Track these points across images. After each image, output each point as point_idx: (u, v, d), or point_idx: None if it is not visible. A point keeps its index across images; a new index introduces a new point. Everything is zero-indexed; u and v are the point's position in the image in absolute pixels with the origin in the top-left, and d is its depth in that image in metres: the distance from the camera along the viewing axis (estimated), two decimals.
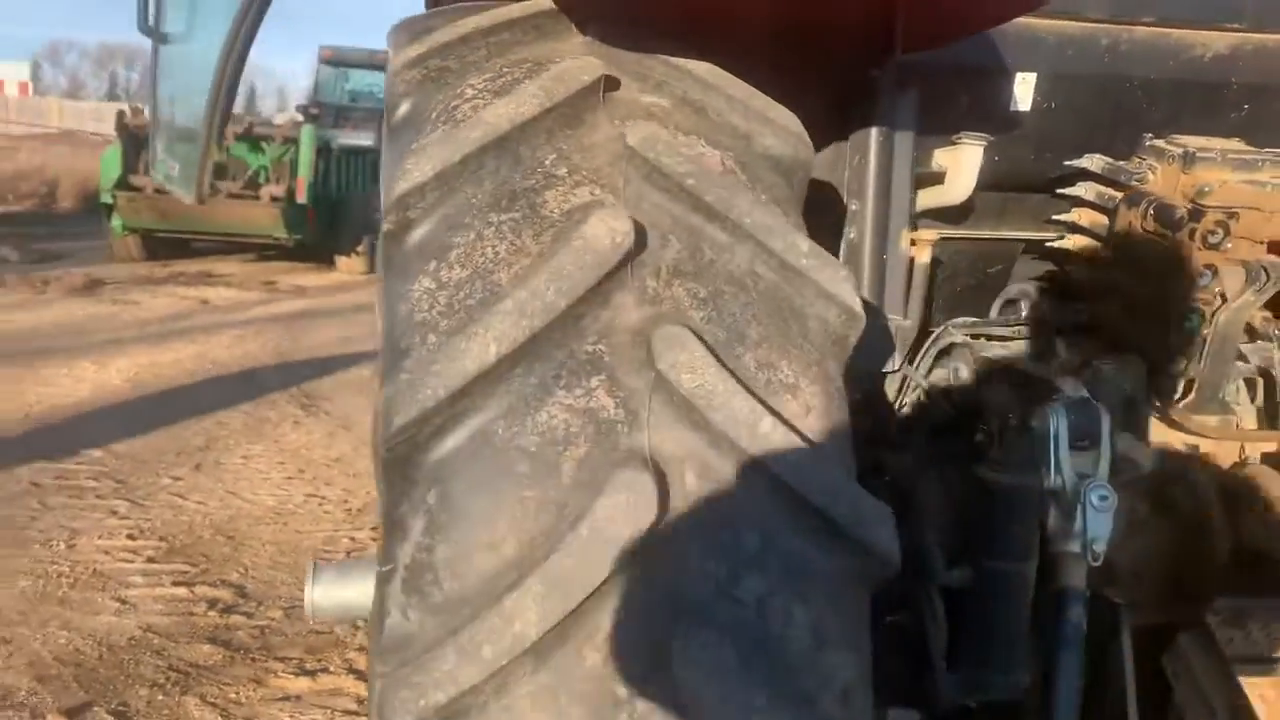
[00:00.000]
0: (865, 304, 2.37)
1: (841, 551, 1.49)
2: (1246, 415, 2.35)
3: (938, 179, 2.47)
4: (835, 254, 2.42)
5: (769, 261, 1.63)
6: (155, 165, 3.96)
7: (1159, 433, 2.30)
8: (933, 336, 2.62)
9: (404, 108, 1.88)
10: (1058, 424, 2.02)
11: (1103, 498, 1.96)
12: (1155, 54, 2.46)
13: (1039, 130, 2.47)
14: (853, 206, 2.39)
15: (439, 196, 1.65)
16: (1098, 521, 1.96)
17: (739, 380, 1.49)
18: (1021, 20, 2.38)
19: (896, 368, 2.50)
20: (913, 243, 2.42)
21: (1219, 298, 2.14)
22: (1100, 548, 1.95)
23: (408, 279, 1.61)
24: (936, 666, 2.34)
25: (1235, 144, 2.30)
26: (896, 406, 2.61)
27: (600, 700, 1.38)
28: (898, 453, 2.58)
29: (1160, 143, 2.28)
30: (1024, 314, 2.56)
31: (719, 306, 1.58)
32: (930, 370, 2.60)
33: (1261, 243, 2.23)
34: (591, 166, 1.68)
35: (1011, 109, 2.44)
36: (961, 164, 2.43)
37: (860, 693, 1.51)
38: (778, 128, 1.86)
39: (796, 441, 1.48)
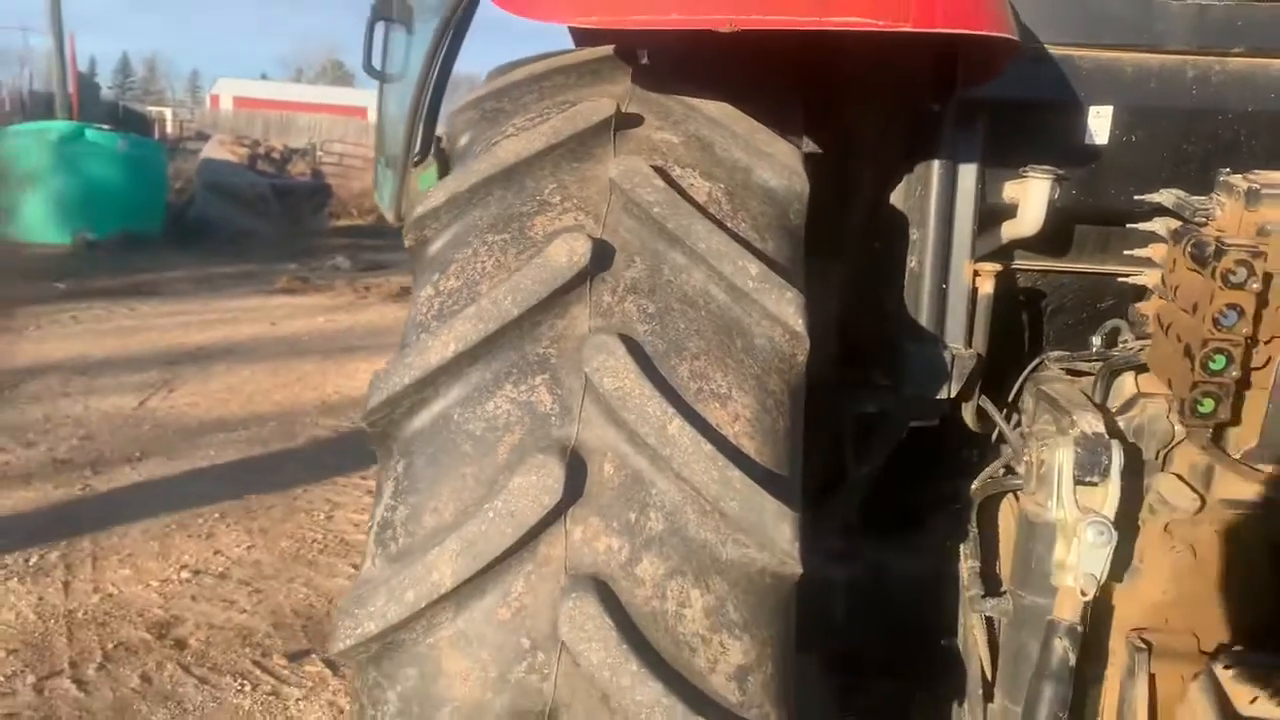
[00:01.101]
0: (919, 331, 2.47)
1: (740, 545, 1.64)
2: None
3: (1011, 211, 2.49)
4: (900, 281, 2.52)
5: (720, 283, 1.80)
6: (376, 189, 4.56)
7: (1229, 480, 2.21)
8: (1029, 368, 2.63)
9: (462, 141, 2.21)
10: (1063, 458, 2.02)
11: (1099, 533, 1.96)
12: (1252, 86, 2.36)
13: (1118, 164, 2.43)
14: (914, 236, 2.47)
15: (451, 218, 1.95)
16: (1091, 557, 1.95)
17: (656, 386, 1.67)
18: (1098, 53, 2.38)
19: (963, 396, 2.54)
20: (976, 273, 2.46)
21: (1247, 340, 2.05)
22: (1090, 583, 1.94)
23: (420, 287, 1.92)
24: (971, 695, 2.38)
25: None
26: (975, 435, 2.64)
27: (507, 649, 1.61)
28: (961, 480, 2.62)
29: (1233, 178, 2.19)
30: (1113, 349, 2.51)
31: (665, 321, 1.77)
32: (1016, 401, 2.61)
33: None
34: (583, 195, 1.92)
35: (1087, 142, 2.42)
36: (1030, 197, 2.44)
37: (758, 677, 1.65)
38: (774, 162, 2.02)
39: (703, 443, 1.64)
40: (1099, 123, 2.40)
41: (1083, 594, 1.95)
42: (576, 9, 1.85)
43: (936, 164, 2.42)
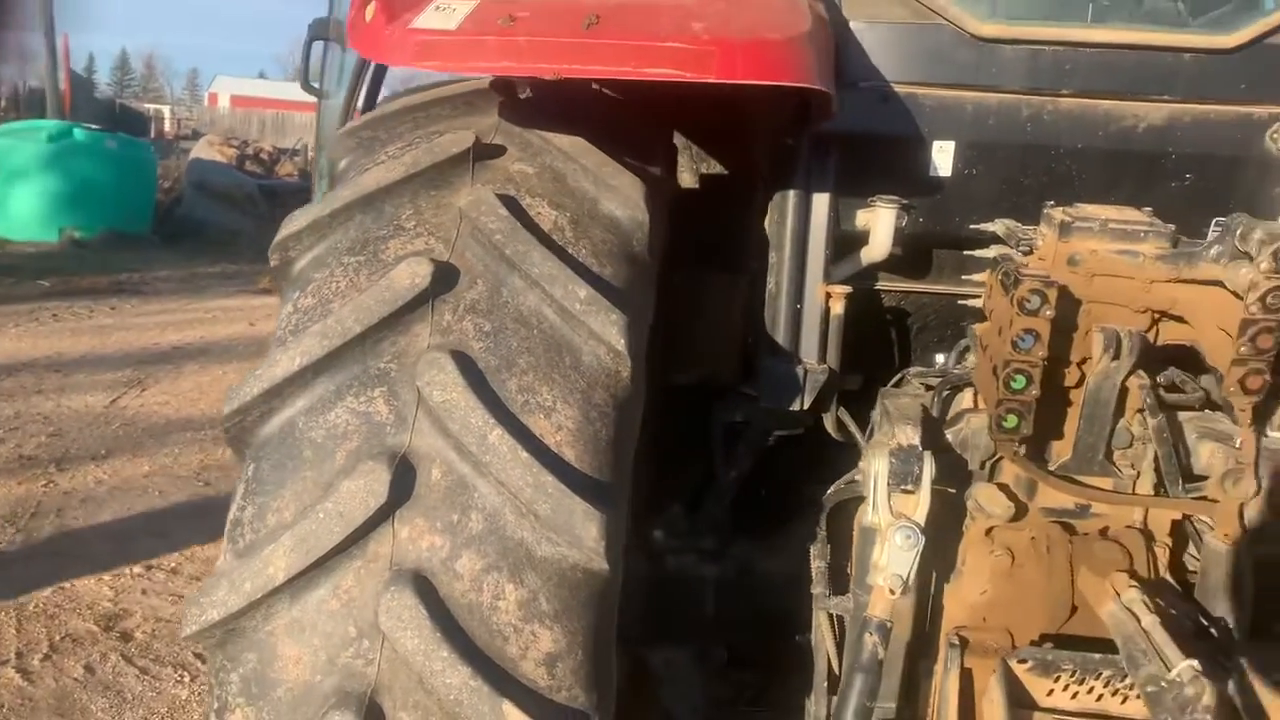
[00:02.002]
0: (776, 347, 2.65)
1: (553, 544, 1.82)
2: (1147, 479, 2.38)
3: (864, 238, 2.67)
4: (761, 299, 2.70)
5: (551, 305, 1.98)
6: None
7: (1047, 490, 2.38)
8: (891, 382, 2.82)
9: (341, 166, 2.39)
10: (879, 466, 2.20)
11: (906, 537, 2.13)
12: (1081, 125, 2.54)
13: (961, 194, 2.62)
14: (772, 259, 2.65)
15: (314, 241, 2.13)
16: (899, 559, 2.13)
17: (482, 398, 1.85)
18: (941, 92, 2.56)
19: (820, 408, 2.72)
20: (828, 295, 2.64)
21: (1066, 362, 2.23)
22: (897, 583, 2.11)
23: (283, 304, 2.10)
24: (817, 688, 2.56)
25: (1134, 214, 2.36)
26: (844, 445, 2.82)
27: (336, 637, 1.79)
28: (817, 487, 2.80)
29: (1053, 210, 2.37)
30: (956, 367, 2.69)
31: (499, 339, 1.95)
32: (878, 415, 2.79)
33: (1143, 311, 2.28)
34: (437, 222, 2.10)
35: (931, 174, 2.60)
36: (879, 224, 2.63)
37: (568, 664, 1.83)
38: (619, 194, 2.20)
39: (520, 451, 1.82)
40: (942, 156, 2.58)
41: (891, 593, 2.12)
42: (417, 54, 2.03)
43: (792, 193, 2.60)
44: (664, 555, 2.84)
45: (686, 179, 3.18)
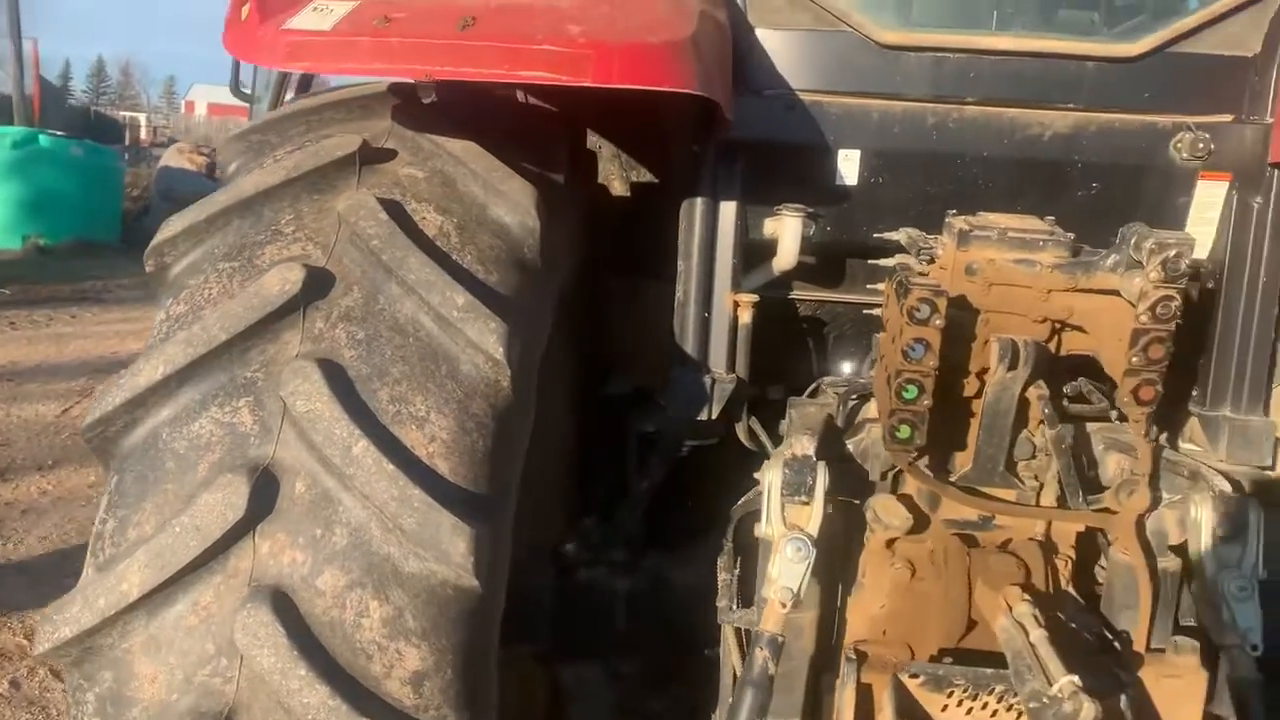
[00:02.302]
0: (684, 356, 2.61)
1: (420, 559, 1.77)
2: (1051, 491, 2.36)
3: (773, 246, 2.64)
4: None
5: (429, 313, 1.94)
6: None
7: (949, 501, 2.35)
8: (807, 392, 2.78)
9: (230, 170, 2.34)
10: (773, 478, 2.16)
11: (797, 549, 2.09)
12: (986, 133, 2.52)
13: (868, 203, 2.59)
14: (681, 267, 2.61)
15: (190, 246, 2.08)
16: (789, 572, 2.09)
17: (349, 409, 1.80)
18: (846, 100, 2.53)
19: (730, 418, 2.69)
20: (736, 304, 2.61)
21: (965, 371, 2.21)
22: (788, 596, 2.07)
23: (157, 310, 2.05)
24: (723, 702, 2.52)
25: (1034, 224, 2.33)
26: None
27: (194, 654, 1.74)
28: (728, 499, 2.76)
29: (955, 219, 2.35)
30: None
31: (372, 348, 1.90)
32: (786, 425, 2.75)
33: (1042, 321, 2.26)
34: (317, 227, 2.06)
35: (838, 182, 2.58)
36: (785, 233, 2.60)
37: (436, 682, 1.78)
38: (508, 200, 2.16)
39: (385, 463, 1.77)
40: (848, 165, 2.56)
41: (782, 606, 2.08)
42: (288, 55, 1.99)
43: (700, 201, 2.57)
44: (576, 568, 2.80)
45: (617, 186, 3.15)
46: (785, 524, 2.15)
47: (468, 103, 2.40)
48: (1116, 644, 2.28)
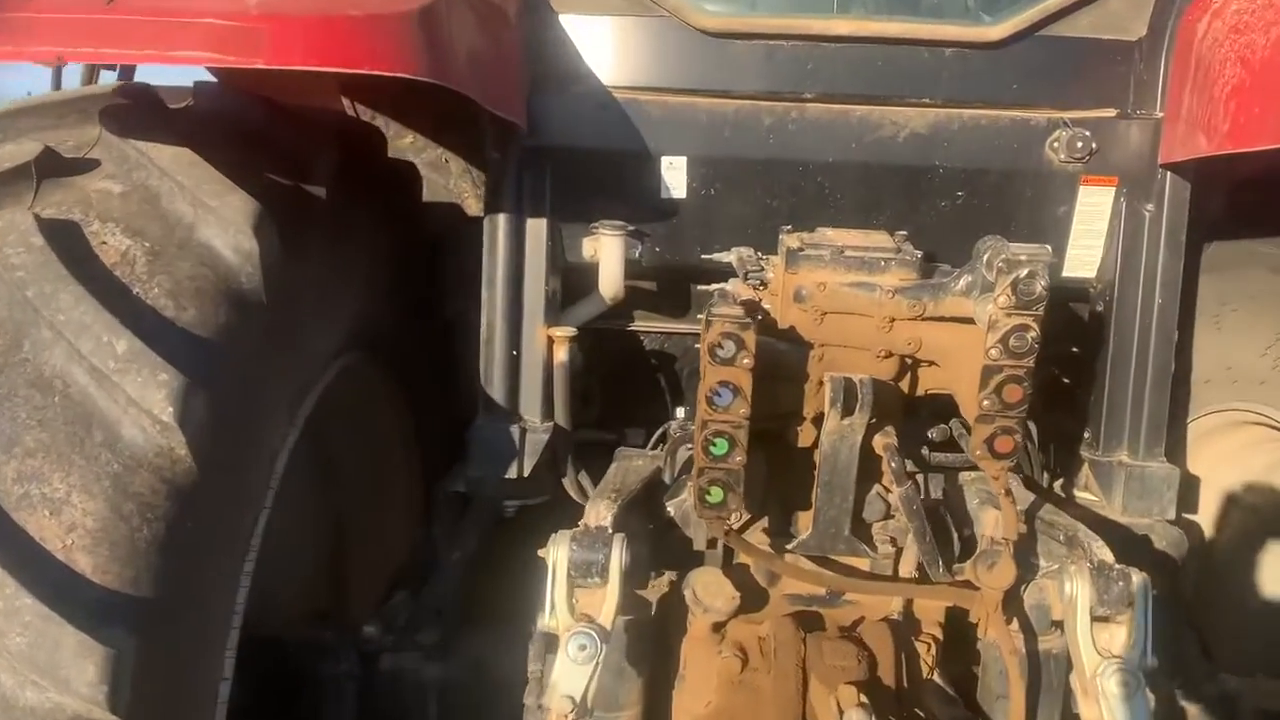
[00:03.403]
0: (489, 403, 2.21)
1: (40, 689, 1.36)
2: (912, 558, 1.97)
3: (596, 271, 2.25)
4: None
5: (82, 364, 1.53)
6: None
7: (788, 572, 1.96)
8: (656, 436, 2.39)
9: None
10: (559, 555, 1.76)
11: (581, 647, 1.69)
12: (834, 134, 2.14)
13: (701, 219, 2.21)
14: (484, 296, 2.22)
15: None
16: (571, 674, 1.68)
17: None
18: (668, 98, 2.15)
19: (557, 471, 2.29)
20: (551, 340, 2.21)
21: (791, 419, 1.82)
22: (566, 706, 1.66)
23: None
24: None
25: (880, 240, 1.96)
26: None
27: None
28: None
29: (787, 236, 1.97)
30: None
31: (3, 411, 1.49)
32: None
33: (885, 356, 1.88)
34: None
35: (664, 195, 2.19)
36: (606, 255, 2.21)
37: None
38: (221, 218, 1.75)
39: None
40: (674, 174, 2.17)
41: (562, 718, 1.67)
42: None
43: (503, 218, 2.18)
44: (378, 655, 2.37)
45: (472, 205, 2.73)
46: (573, 614, 1.75)
47: (212, 105, 2.01)
48: None
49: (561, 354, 2.22)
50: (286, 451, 1.98)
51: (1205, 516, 2.63)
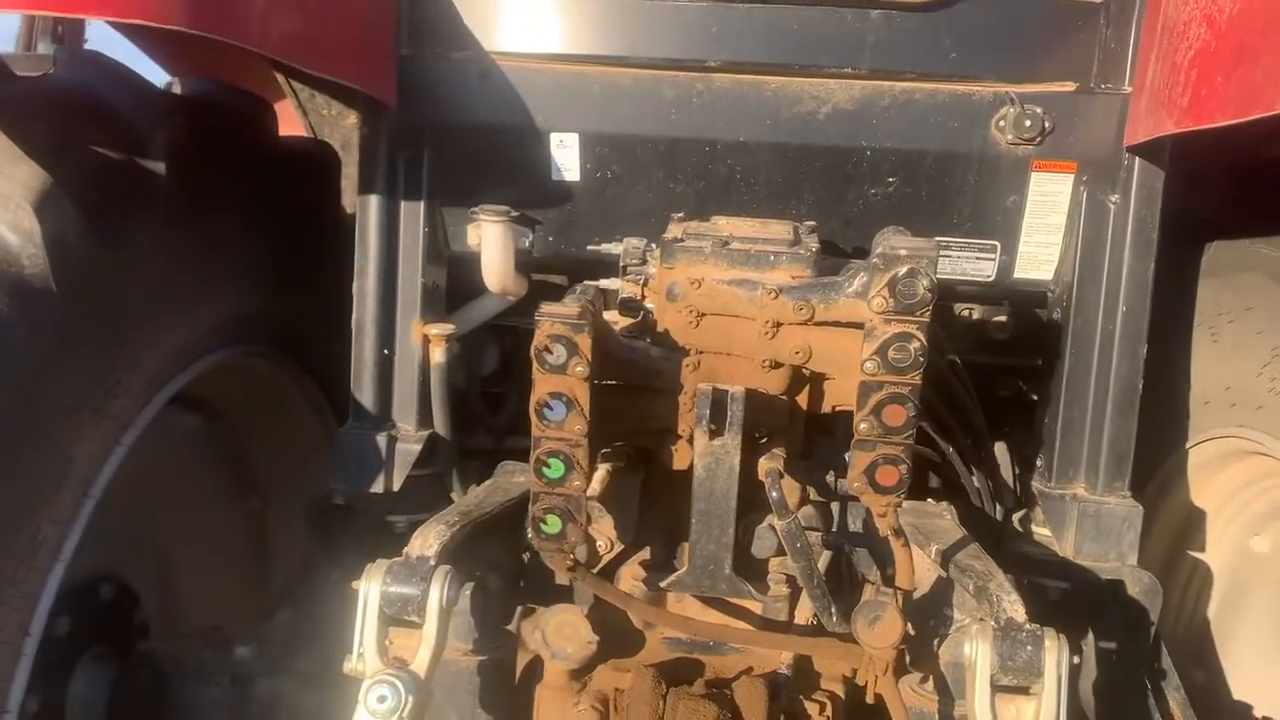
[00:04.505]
0: (357, 407, 1.99)
1: None
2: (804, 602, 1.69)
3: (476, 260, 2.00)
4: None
5: None
6: None
7: (660, 614, 1.70)
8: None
9: None
10: (368, 591, 1.52)
11: (381, 699, 1.45)
12: (746, 109, 1.87)
13: (597, 205, 1.95)
14: (355, 289, 1.99)
15: None
16: None
17: None
18: (557, 67, 1.90)
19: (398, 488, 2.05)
20: (427, 338, 1.97)
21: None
22: None
23: None
24: None
25: (775, 230, 1.68)
26: None
27: None
28: None
29: (673, 225, 1.71)
30: None
31: None
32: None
33: (771, 366, 1.60)
34: None
35: (555, 177, 1.94)
36: (488, 243, 1.96)
37: None
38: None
39: None
40: (565, 153, 1.92)
41: None
42: None
43: (374, 201, 1.95)
44: (253, 679, 2.16)
45: None
46: (383, 657, 1.51)
47: (72, 77, 1.81)
48: None
49: (438, 354, 1.98)
50: (122, 450, 1.79)
51: (1215, 557, 2.30)
